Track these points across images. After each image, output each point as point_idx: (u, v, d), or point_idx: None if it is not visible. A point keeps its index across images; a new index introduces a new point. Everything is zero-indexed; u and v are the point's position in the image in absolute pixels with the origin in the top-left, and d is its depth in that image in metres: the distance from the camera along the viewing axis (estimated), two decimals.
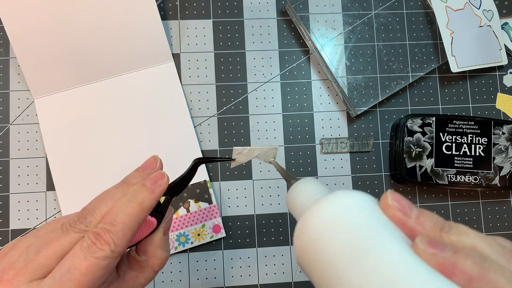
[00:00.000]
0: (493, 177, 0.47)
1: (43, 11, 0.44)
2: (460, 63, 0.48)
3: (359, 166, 0.48)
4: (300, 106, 0.49)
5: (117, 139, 0.46)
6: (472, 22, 0.48)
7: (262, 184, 0.47)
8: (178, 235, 0.45)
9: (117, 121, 0.46)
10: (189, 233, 0.45)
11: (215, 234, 0.45)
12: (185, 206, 0.46)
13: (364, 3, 0.49)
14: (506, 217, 0.49)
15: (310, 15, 0.48)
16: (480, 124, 0.47)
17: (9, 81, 0.46)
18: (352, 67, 0.48)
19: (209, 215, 0.46)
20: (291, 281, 0.46)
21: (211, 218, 0.46)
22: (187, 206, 0.46)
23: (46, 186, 0.45)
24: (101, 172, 0.45)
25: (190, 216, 0.45)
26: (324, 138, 0.48)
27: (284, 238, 0.47)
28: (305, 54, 0.49)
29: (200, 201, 0.46)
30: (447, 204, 0.49)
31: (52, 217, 0.45)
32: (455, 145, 0.47)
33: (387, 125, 0.49)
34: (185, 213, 0.45)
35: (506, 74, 0.51)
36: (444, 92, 0.50)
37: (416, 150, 0.46)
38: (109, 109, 0.46)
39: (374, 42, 0.48)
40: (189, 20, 0.48)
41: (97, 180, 0.45)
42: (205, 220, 0.46)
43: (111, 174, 0.45)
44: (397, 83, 0.48)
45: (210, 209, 0.46)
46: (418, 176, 0.46)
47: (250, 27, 0.49)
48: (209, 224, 0.45)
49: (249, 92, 0.48)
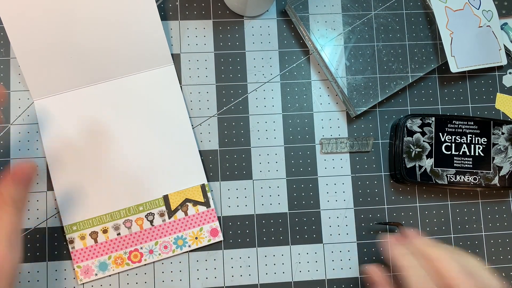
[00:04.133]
0: (493, 177, 0.47)
1: (43, 12, 0.44)
2: (460, 63, 0.48)
3: (358, 166, 0.48)
4: (300, 106, 0.49)
5: (116, 141, 0.46)
6: (472, 22, 0.48)
7: (262, 184, 0.47)
8: (176, 238, 0.45)
9: (116, 123, 0.46)
10: (187, 236, 0.45)
11: (212, 237, 0.45)
12: (183, 209, 0.45)
13: (364, 4, 0.49)
14: (505, 217, 0.49)
15: (310, 16, 0.48)
16: (480, 124, 0.47)
17: (10, 81, 0.46)
18: (352, 67, 0.48)
19: (207, 218, 0.46)
20: (291, 281, 0.47)
21: (209, 222, 0.46)
22: (185, 209, 0.46)
23: (47, 186, 0.46)
24: (99, 174, 0.45)
25: (188, 220, 0.45)
26: (324, 138, 0.48)
27: (284, 238, 0.47)
28: (305, 54, 0.49)
29: (198, 204, 0.46)
30: (447, 204, 0.49)
31: (52, 217, 0.45)
32: (454, 145, 0.47)
33: (387, 125, 0.49)
34: (183, 216, 0.45)
35: (505, 74, 0.51)
36: (443, 92, 0.50)
37: (416, 150, 0.46)
38: (108, 111, 0.46)
39: (373, 43, 0.48)
40: (189, 21, 0.49)
41: (96, 181, 0.45)
42: (203, 224, 0.45)
43: (110, 176, 0.45)
44: (396, 83, 0.48)
45: (208, 213, 0.46)
46: (417, 176, 0.46)
47: (250, 27, 0.49)
48: (206, 228, 0.45)
49: (249, 92, 0.48)
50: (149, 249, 0.45)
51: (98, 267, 0.44)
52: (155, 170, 0.46)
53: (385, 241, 0.47)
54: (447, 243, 0.48)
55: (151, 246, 0.45)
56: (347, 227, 0.48)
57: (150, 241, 0.45)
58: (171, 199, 0.45)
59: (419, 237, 0.39)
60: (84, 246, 0.44)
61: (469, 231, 0.49)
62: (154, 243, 0.45)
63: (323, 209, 0.48)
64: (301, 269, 0.47)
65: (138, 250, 0.45)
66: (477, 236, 0.49)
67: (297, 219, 0.47)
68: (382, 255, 0.47)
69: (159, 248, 0.45)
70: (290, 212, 0.47)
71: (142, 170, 0.45)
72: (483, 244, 0.49)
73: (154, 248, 0.45)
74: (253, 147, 0.48)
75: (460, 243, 0.48)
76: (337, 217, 0.48)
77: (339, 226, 0.47)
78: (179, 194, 0.46)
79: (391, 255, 0.40)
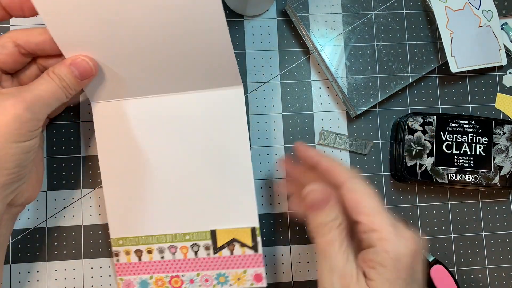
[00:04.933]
0: (493, 176, 0.47)
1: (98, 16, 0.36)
2: (460, 63, 0.48)
3: (359, 166, 0.48)
4: (300, 106, 0.49)
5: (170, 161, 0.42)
6: (472, 22, 0.49)
7: (262, 184, 0.47)
8: (218, 274, 0.43)
9: (172, 141, 0.42)
10: (229, 275, 0.43)
11: (255, 282, 0.43)
12: (230, 248, 0.43)
13: (364, 4, 0.49)
14: (505, 217, 0.49)
15: (310, 15, 0.48)
16: (481, 123, 0.47)
17: None
18: (352, 67, 0.48)
19: (253, 262, 0.43)
20: (291, 281, 0.46)
21: (254, 266, 0.43)
22: (232, 248, 0.43)
23: (46, 186, 0.45)
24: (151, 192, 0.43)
25: (233, 259, 0.43)
26: (324, 130, 0.48)
27: (284, 238, 0.47)
28: (305, 54, 0.49)
29: (246, 247, 0.43)
30: (447, 204, 0.49)
31: (52, 217, 0.45)
32: (455, 144, 0.47)
33: (387, 125, 0.49)
34: (228, 255, 0.43)
35: (505, 74, 0.51)
36: (443, 92, 0.50)
37: (417, 148, 0.46)
38: (166, 127, 0.42)
39: (373, 42, 0.48)
40: None
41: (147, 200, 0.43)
42: (248, 267, 0.43)
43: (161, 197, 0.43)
44: (396, 83, 0.48)
45: (254, 257, 0.43)
46: (418, 175, 0.46)
47: (250, 27, 0.49)
48: (251, 272, 0.43)
49: (249, 92, 0.48)
50: (190, 278, 0.43)
51: (140, 284, 0.43)
52: (206, 200, 0.42)
53: None
54: (447, 243, 0.48)
55: (192, 276, 0.43)
56: None
57: (192, 271, 0.43)
58: (218, 235, 0.43)
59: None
60: (128, 261, 0.43)
61: (469, 231, 0.49)
62: (196, 274, 0.43)
63: None
64: (301, 269, 0.47)
65: (179, 276, 0.43)
66: (477, 236, 0.49)
67: (297, 219, 0.47)
68: None
69: (200, 279, 0.43)
70: (290, 212, 0.47)
71: (193, 198, 0.43)
72: (483, 244, 0.49)
73: (196, 279, 0.43)
74: (253, 147, 0.48)
75: (460, 243, 0.48)
76: None
77: None
78: (227, 232, 0.43)
79: None
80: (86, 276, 0.45)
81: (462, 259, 0.48)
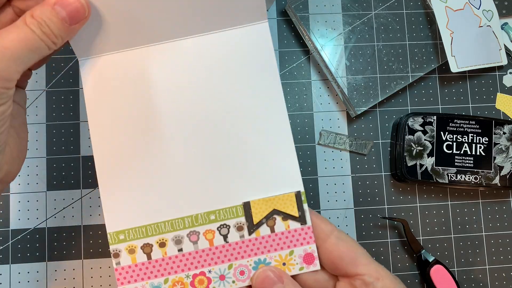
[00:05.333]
0: (494, 176, 0.47)
1: None
2: (460, 63, 0.48)
3: (359, 166, 0.48)
4: (300, 106, 0.49)
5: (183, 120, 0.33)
6: (472, 22, 0.48)
7: None
8: (257, 261, 0.32)
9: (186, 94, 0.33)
10: (271, 260, 0.32)
11: (306, 265, 0.33)
12: (269, 224, 0.33)
13: (364, 3, 0.49)
14: (506, 217, 0.49)
15: (310, 15, 0.48)
16: (481, 123, 0.47)
17: None
18: (352, 67, 0.48)
19: (301, 239, 0.33)
20: None
21: (303, 244, 0.33)
22: (272, 223, 0.33)
23: (46, 186, 0.45)
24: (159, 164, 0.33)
25: (275, 238, 0.33)
26: (324, 130, 0.48)
27: None
28: (305, 54, 0.49)
29: (290, 219, 0.33)
30: (447, 204, 0.49)
31: (52, 217, 0.45)
32: (455, 144, 0.47)
33: (387, 125, 0.49)
34: (268, 233, 0.33)
35: (506, 74, 0.51)
36: (444, 92, 0.50)
37: (417, 148, 0.46)
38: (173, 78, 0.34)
39: (374, 42, 0.48)
40: None
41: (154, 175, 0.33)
42: (294, 246, 0.33)
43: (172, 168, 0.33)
44: (397, 83, 0.48)
45: (302, 231, 0.33)
46: (418, 175, 0.46)
47: None
48: (299, 251, 0.33)
49: None
50: (219, 273, 0.32)
51: None
52: (234, 165, 0.33)
53: (385, 241, 0.47)
54: (447, 243, 0.48)
55: (222, 270, 0.32)
56: (347, 227, 0.48)
57: (222, 263, 0.32)
58: (253, 209, 0.33)
59: None
60: (133, 262, 0.32)
61: (469, 231, 0.49)
62: (227, 266, 0.32)
63: (323, 209, 0.47)
64: None
65: (205, 274, 0.32)
66: (477, 236, 0.49)
67: None
68: (382, 255, 0.47)
69: (233, 273, 0.32)
70: None
71: (216, 164, 0.33)
72: (483, 244, 0.48)
73: (227, 273, 0.32)
74: None
75: (460, 243, 0.48)
76: (337, 217, 0.48)
77: (339, 226, 0.47)
78: (265, 203, 0.33)
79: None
80: (86, 276, 0.45)
81: (462, 259, 0.48)
